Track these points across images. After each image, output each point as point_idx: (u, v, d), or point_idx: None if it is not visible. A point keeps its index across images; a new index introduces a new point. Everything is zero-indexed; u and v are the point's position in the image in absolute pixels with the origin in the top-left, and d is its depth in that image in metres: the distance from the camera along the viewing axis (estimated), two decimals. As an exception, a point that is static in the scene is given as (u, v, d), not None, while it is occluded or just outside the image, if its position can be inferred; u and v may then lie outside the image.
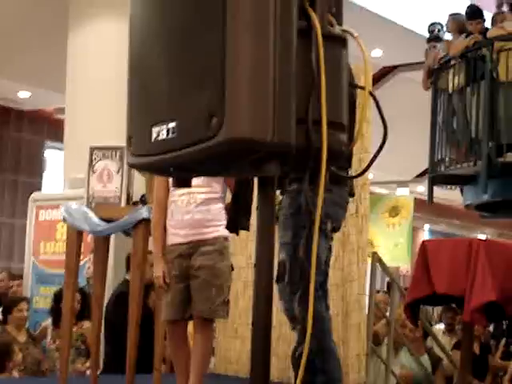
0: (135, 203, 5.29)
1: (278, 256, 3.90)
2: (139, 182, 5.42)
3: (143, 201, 5.24)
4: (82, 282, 7.14)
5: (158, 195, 4.51)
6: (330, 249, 3.65)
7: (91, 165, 5.43)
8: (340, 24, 1.84)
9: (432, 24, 9.66)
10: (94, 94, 7.85)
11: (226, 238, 4.35)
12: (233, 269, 4.46)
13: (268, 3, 1.67)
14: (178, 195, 4.34)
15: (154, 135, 1.82)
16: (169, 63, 1.83)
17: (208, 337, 4.40)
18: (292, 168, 1.85)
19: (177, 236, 4.34)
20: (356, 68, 3.01)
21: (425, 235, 17.89)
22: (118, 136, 6.49)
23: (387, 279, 10.12)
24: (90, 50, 8.09)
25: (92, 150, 5.44)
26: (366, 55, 1.83)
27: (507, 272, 4.69)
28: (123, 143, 1.95)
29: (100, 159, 5.41)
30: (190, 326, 4.76)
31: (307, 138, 1.74)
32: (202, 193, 4.30)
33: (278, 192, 2.26)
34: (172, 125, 1.77)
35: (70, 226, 5.25)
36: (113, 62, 7.73)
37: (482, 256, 4.62)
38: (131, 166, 1.96)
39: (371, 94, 1.91)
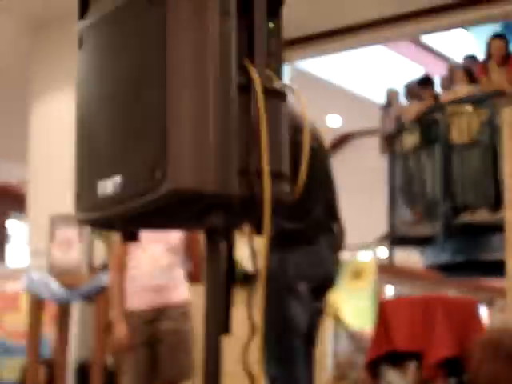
0: (96, 270, 5.32)
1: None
2: (100, 249, 5.46)
3: (105, 267, 5.27)
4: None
5: (116, 258, 4.51)
6: (316, 311, 3.54)
7: (52, 233, 5.46)
8: (279, 78, 1.92)
9: (389, 89, 9.90)
10: (55, 166, 7.89)
11: (188, 301, 4.41)
12: None
13: (206, 60, 1.75)
14: (142, 259, 4.37)
15: (100, 190, 1.86)
16: (112, 120, 1.89)
17: None
18: (237, 219, 1.91)
19: (141, 301, 4.35)
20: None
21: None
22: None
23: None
24: (51, 123, 8.15)
25: (52, 218, 5.47)
26: (304, 110, 1.91)
27: (464, 327, 4.76)
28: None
29: (60, 228, 5.45)
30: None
31: (250, 189, 1.79)
32: (167, 258, 4.35)
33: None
34: (116, 178, 1.82)
35: (31, 295, 5.26)
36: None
37: (439, 313, 4.70)
38: (80, 221, 2.00)
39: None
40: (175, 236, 4.39)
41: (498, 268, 7.52)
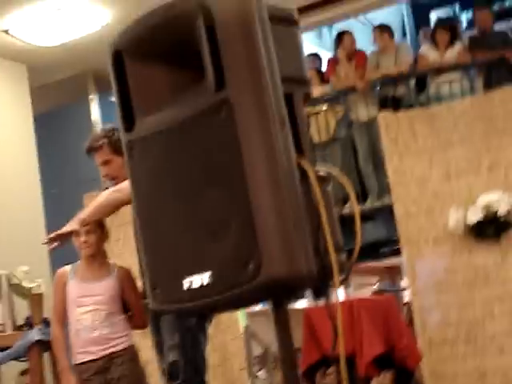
0: (21, 327, 5.32)
1: (168, 357, 4.19)
2: (20, 305, 5.45)
3: (29, 323, 5.27)
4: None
5: (57, 311, 4.58)
6: None
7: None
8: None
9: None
10: None
11: (134, 346, 4.56)
12: None
13: (277, 160, 1.97)
14: (81, 313, 4.45)
15: (187, 284, 2.03)
16: (186, 215, 2.08)
17: None
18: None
19: (88, 354, 4.45)
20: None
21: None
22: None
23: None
24: None
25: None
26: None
27: (386, 325, 5.13)
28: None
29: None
30: None
31: (322, 265, 2.03)
32: (105, 309, 4.46)
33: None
34: (206, 274, 2.00)
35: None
36: None
37: (363, 314, 5.04)
38: (159, 311, 2.16)
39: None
40: (110, 286, 4.51)
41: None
